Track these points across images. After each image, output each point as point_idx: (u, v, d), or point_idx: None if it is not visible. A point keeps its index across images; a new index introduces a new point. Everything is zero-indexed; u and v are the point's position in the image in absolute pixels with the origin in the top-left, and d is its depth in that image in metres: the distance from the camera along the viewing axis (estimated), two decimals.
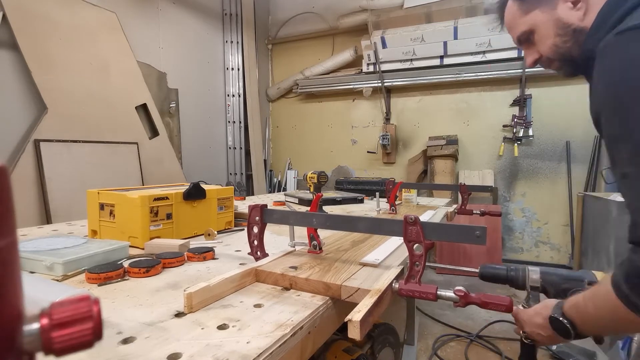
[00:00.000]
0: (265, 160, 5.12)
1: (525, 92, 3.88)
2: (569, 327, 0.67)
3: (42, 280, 0.76)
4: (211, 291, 0.67)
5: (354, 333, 0.55)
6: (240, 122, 4.64)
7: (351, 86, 4.62)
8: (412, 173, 4.38)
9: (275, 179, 5.27)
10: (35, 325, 0.24)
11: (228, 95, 4.62)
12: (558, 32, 0.80)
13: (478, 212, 1.83)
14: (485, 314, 2.73)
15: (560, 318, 0.68)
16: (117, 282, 0.79)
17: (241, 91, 4.64)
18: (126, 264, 0.87)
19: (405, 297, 0.70)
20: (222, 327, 0.58)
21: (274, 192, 5.02)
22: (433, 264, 1.02)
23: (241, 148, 4.67)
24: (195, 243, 1.10)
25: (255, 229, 0.89)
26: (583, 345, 2.26)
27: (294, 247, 0.97)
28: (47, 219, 2.44)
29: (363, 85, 4.53)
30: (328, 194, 2.26)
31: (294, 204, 2.11)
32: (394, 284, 0.71)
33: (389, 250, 0.99)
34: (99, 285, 0.77)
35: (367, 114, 4.77)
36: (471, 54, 3.91)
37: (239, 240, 1.20)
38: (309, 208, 0.96)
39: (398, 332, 1.59)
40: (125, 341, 0.53)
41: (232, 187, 1.51)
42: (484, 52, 3.86)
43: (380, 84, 4.40)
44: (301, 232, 0.98)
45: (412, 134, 4.53)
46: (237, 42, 4.60)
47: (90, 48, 2.88)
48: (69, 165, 2.60)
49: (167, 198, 1.14)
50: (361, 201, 2.20)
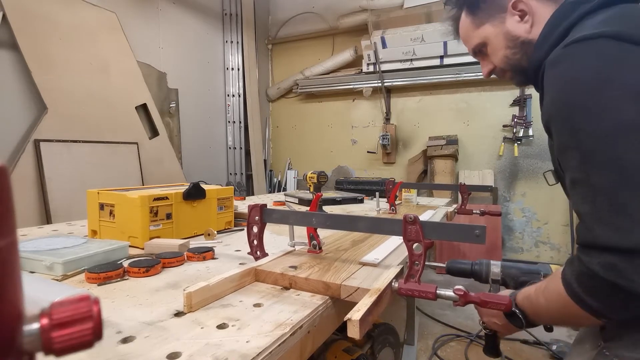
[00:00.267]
0: (265, 160, 5.12)
1: (525, 92, 3.87)
2: (520, 317, 0.71)
3: (42, 280, 0.76)
4: (211, 291, 0.67)
5: (354, 332, 0.55)
6: (240, 122, 4.64)
7: (351, 86, 4.62)
8: (412, 173, 4.38)
9: (275, 179, 5.27)
10: (35, 325, 0.24)
11: (228, 95, 4.62)
12: (508, 45, 0.84)
13: (478, 212, 1.83)
14: None
15: (515, 309, 0.71)
16: (116, 281, 0.79)
17: (241, 91, 4.64)
18: (126, 263, 0.87)
19: (405, 297, 0.70)
20: (221, 326, 0.58)
21: (274, 192, 5.02)
22: (433, 264, 1.02)
23: (241, 148, 4.67)
24: (195, 243, 1.11)
25: (255, 229, 0.89)
26: None
27: (293, 246, 0.97)
28: (47, 219, 2.44)
29: (363, 85, 4.53)
30: (328, 194, 2.26)
31: (294, 204, 2.11)
32: (393, 283, 0.71)
33: (389, 250, 0.99)
34: (98, 285, 0.77)
35: (367, 114, 4.77)
36: None
37: (239, 240, 1.20)
38: (308, 208, 0.97)
39: (398, 332, 1.60)
40: (125, 341, 0.54)
41: (232, 187, 1.51)
42: None
43: (380, 84, 4.40)
44: (301, 231, 0.98)
45: (412, 134, 4.53)
46: (237, 42, 4.60)
47: (90, 48, 2.88)
48: (69, 165, 2.60)
49: (167, 198, 1.14)
50: (361, 201, 2.20)
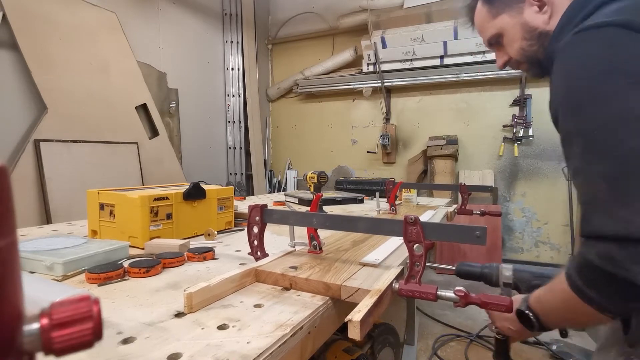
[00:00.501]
0: (265, 160, 5.12)
1: (525, 92, 3.88)
2: (533, 319, 0.70)
3: (42, 280, 0.76)
4: (211, 291, 0.67)
5: (354, 333, 0.55)
6: (240, 122, 4.64)
7: (351, 86, 4.62)
8: (412, 173, 4.38)
9: (275, 179, 5.27)
10: (35, 325, 0.24)
11: (228, 95, 4.62)
12: (524, 36, 0.83)
13: (478, 212, 1.83)
14: (485, 314, 2.72)
15: (526, 311, 0.71)
16: (117, 282, 0.79)
17: (241, 91, 4.64)
18: (126, 264, 0.87)
19: (405, 297, 0.70)
20: (222, 327, 0.58)
21: (274, 192, 5.02)
22: (433, 264, 1.02)
23: (241, 148, 4.67)
24: (195, 243, 1.10)
25: (255, 229, 0.89)
26: (583, 345, 2.26)
27: (294, 247, 0.97)
28: (47, 219, 2.44)
29: (363, 85, 4.53)
30: (328, 194, 2.26)
31: (294, 204, 2.11)
32: (394, 284, 0.71)
33: (389, 251, 0.99)
34: (99, 285, 0.77)
35: (367, 114, 4.77)
36: (471, 54, 3.91)
37: (239, 240, 1.20)
38: (309, 208, 0.96)
39: (398, 332, 1.59)
40: (125, 341, 0.53)
41: (232, 187, 1.51)
42: (484, 52, 3.86)
43: (380, 84, 4.40)
44: (301, 232, 0.98)
45: (412, 134, 4.53)
46: (237, 42, 4.60)
47: (90, 48, 2.88)
48: (69, 165, 2.59)
49: (167, 198, 1.14)
50: (361, 201, 2.20)
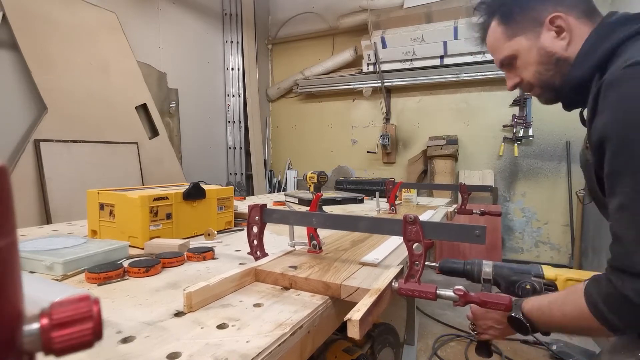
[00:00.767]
0: (265, 160, 5.12)
1: (525, 92, 3.87)
2: (527, 326, 0.73)
3: (42, 280, 0.76)
4: (211, 291, 0.67)
5: (354, 332, 0.55)
6: (240, 122, 4.64)
7: (351, 86, 4.62)
8: (412, 173, 4.38)
9: (275, 179, 5.27)
10: (35, 325, 0.24)
11: (228, 95, 4.62)
12: (541, 60, 0.82)
13: (478, 212, 1.83)
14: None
15: (520, 317, 0.73)
16: (116, 281, 0.79)
17: (241, 91, 4.64)
18: (126, 263, 0.87)
19: (405, 297, 0.71)
20: (221, 326, 0.58)
21: (274, 192, 5.02)
22: (433, 264, 1.02)
23: (241, 148, 4.67)
24: (195, 243, 1.11)
25: (255, 229, 0.89)
26: (583, 345, 2.27)
27: (293, 246, 0.97)
28: (47, 219, 2.44)
29: (363, 85, 4.53)
30: (328, 194, 2.26)
31: (294, 204, 2.11)
32: (393, 284, 0.71)
33: (389, 250, 0.99)
34: (98, 285, 0.77)
35: (367, 114, 4.77)
36: (471, 54, 3.91)
37: (239, 240, 1.20)
38: (308, 208, 0.97)
39: (398, 332, 1.60)
40: (125, 341, 0.53)
41: (232, 187, 1.51)
42: (484, 52, 3.85)
43: (380, 84, 4.40)
44: (301, 231, 0.98)
45: (412, 134, 4.53)
46: (237, 42, 4.60)
47: (90, 48, 2.88)
48: (69, 165, 2.60)
49: (167, 198, 1.14)
50: (361, 201, 2.20)
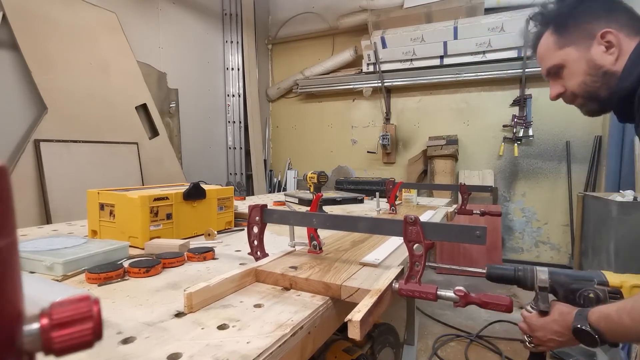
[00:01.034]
0: (265, 160, 5.12)
1: (525, 92, 3.88)
2: (596, 337, 0.69)
3: (42, 280, 0.76)
4: (211, 291, 0.67)
5: (354, 333, 0.55)
6: (240, 122, 4.64)
7: (351, 86, 4.62)
8: (412, 173, 4.38)
9: (275, 179, 5.27)
10: (35, 325, 0.24)
11: (228, 95, 4.62)
12: (589, 72, 0.84)
13: (478, 212, 1.83)
14: (485, 314, 2.73)
15: (587, 329, 0.69)
16: (117, 282, 0.79)
17: (241, 91, 4.64)
18: (126, 264, 0.87)
19: (405, 297, 0.70)
20: (222, 327, 0.58)
21: (274, 192, 5.02)
22: (433, 264, 1.02)
23: (241, 148, 4.67)
24: (195, 243, 1.10)
25: (255, 229, 0.89)
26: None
27: (294, 247, 0.97)
28: (47, 219, 2.44)
29: (363, 85, 4.53)
30: (328, 194, 2.26)
31: (294, 204, 2.11)
32: (394, 284, 0.71)
33: (389, 250, 0.99)
34: (98, 285, 0.77)
35: (367, 114, 4.77)
36: (471, 54, 3.91)
37: (239, 240, 1.20)
38: (309, 208, 0.96)
39: (398, 332, 1.59)
40: (125, 341, 0.53)
41: (232, 187, 1.51)
42: (484, 52, 3.86)
43: (380, 84, 4.40)
44: (301, 232, 0.98)
45: (412, 134, 4.53)
46: (237, 42, 4.60)
47: (90, 48, 2.88)
48: (69, 165, 2.59)
49: (167, 198, 1.14)
50: (361, 201, 2.20)
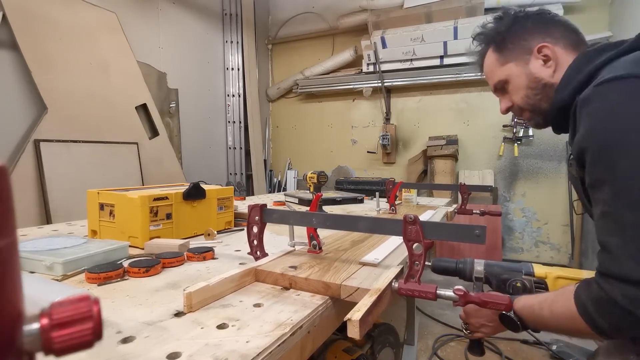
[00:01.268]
0: (265, 160, 5.12)
1: None
2: (519, 324, 0.75)
3: (42, 280, 0.76)
4: (211, 291, 0.67)
5: (354, 332, 0.55)
6: (240, 122, 4.64)
7: (351, 86, 4.62)
8: (412, 173, 4.38)
9: (275, 179, 5.27)
10: (35, 325, 0.24)
11: (228, 95, 4.62)
12: (529, 85, 0.89)
13: (478, 212, 1.83)
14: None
15: (512, 315, 0.75)
16: (116, 282, 0.79)
17: (241, 91, 4.64)
18: (126, 263, 0.87)
19: (405, 297, 0.71)
20: (221, 326, 0.58)
21: (274, 192, 5.02)
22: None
23: (241, 148, 4.67)
24: (195, 243, 1.11)
25: (255, 229, 0.89)
26: (583, 345, 2.27)
27: (293, 246, 0.97)
28: (47, 219, 2.44)
29: (363, 85, 4.53)
30: (328, 194, 2.26)
31: (294, 204, 2.11)
32: (393, 284, 0.71)
33: (389, 250, 0.99)
34: (98, 285, 0.77)
35: (367, 114, 4.77)
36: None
37: (239, 240, 1.20)
38: (308, 208, 0.97)
39: (398, 332, 1.60)
40: (125, 341, 0.53)
41: (232, 187, 1.51)
42: None
43: (380, 84, 4.40)
44: (301, 231, 0.98)
45: (412, 134, 4.53)
46: (237, 42, 4.60)
47: (90, 48, 2.88)
48: (69, 165, 2.60)
49: (167, 198, 1.14)
50: (361, 201, 2.20)
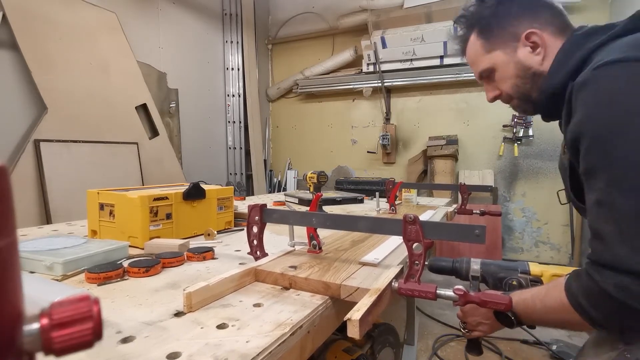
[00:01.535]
0: (265, 160, 5.12)
1: None
2: (513, 319, 0.75)
3: (42, 280, 0.76)
4: (211, 291, 0.67)
5: (353, 332, 0.55)
6: (240, 122, 4.64)
7: (351, 86, 4.62)
8: (412, 173, 4.38)
9: (275, 179, 5.27)
10: (35, 325, 0.24)
11: (228, 95, 4.62)
12: (518, 74, 0.85)
13: (478, 212, 1.83)
14: None
15: (507, 312, 0.75)
16: (116, 282, 0.79)
17: (241, 91, 4.65)
18: (126, 263, 0.87)
19: (405, 297, 0.71)
20: (221, 326, 0.58)
21: (274, 192, 5.02)
22: None
23: (241, 148, 4.67)
24: (195, 243, 1.10)
25: (255, 229, 0.89)
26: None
27: (293, 246, 0.97)
28: (47, 219, 2.44)
29: (363, 85, 4.53)
30: (328, 194, 2.26)
31: (294, 204, 2.11)
32: (393, 283, 0.71)
33: (389, 250, 0.99)
34: (98, 285, 0.77)
35: (367, 114, 4.77)
36: None
37: (239, 240, 1.20)
38: (308, 208, 0.97)
39: (398, 332, 1.60)
40: (125, 341, 0.53)
41: (232, 187, 1.51)
42: None
43: (380, 84, 4.40)
44: (301, 231, 0.98)
45: (412, 134, 4.53)
46: (237, 42, 4.60)
47: (90, 48, 2.88)
48: (69, 165, 2.60)
49: (167, 198, 1.14)
50: (361, 201, 2.20)
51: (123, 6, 3.22)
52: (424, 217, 1.60)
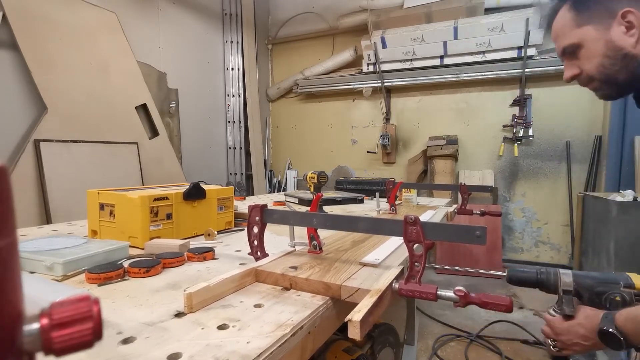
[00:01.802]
0: (265, 160, 5.12)
1: (525, 92, 3.88)
2: (622, 339, 0.67)
3: (42, 280, 0.76)
4: (211, 291, 0.67)
5: (354, 333, 0.55)
6: (240, 122, 4.64)
7: (351, 86, 4.62)
8: (412, 173, 4.38)
9: (275, 179, 5.27)
10: (35, 325, 0.24)
11: (228, 95, 4.62)
12: (607, 54, 0.79)
13: (478, 212, 1.83)
14: (485, 314, 2.73)
15: (614, 331, 0.68)
16: (117, 282, 0.79)
17: (241, 91, 4.65)
18: (126, 264, 0.87)
19: (405, 297, 0.70)
20: (222, 327, 0.58)
21: (274, 192, 5.02)
22: (433, 264, 1.02)
23: (241, 148, 4.67)
24: (195, 243, 1.10)
25: (255, 229, 0.89)
26: None
27: (294, 247, 0.97)
28: (47, 219, 2.44)
29: (363, 85, 4.53)
30: (328, 194, 2.26)
31: (294, 204, 2.11)
32: (394, 284, 0.71)
33: (389, 250, 0.99)
34: (98, 286, 0.77)
35: (367, 114, 4.78)
36: (471, 54, 3.91)
37: (239, 241, 1.20)
38: (309, 208, 0.96)
39: (398, 332, 1.59)
40: (125, 341, 0.53)
41: (232, 187, 1.51)
42: (484, 52, 3.86)
43: (380, 84, 4.40)
44: (301, 232, 0.98)
45: (412, 134, 4.53)
46: (237, 42, 4.60)
47: (90, 48, 2.88)
48: (69, 165, 2.60)
49: (167, 198, 1.14)
50: (361, 201, 2.20)
51: (123, 6, 3.22)
52: (424, 217, 1.60)
